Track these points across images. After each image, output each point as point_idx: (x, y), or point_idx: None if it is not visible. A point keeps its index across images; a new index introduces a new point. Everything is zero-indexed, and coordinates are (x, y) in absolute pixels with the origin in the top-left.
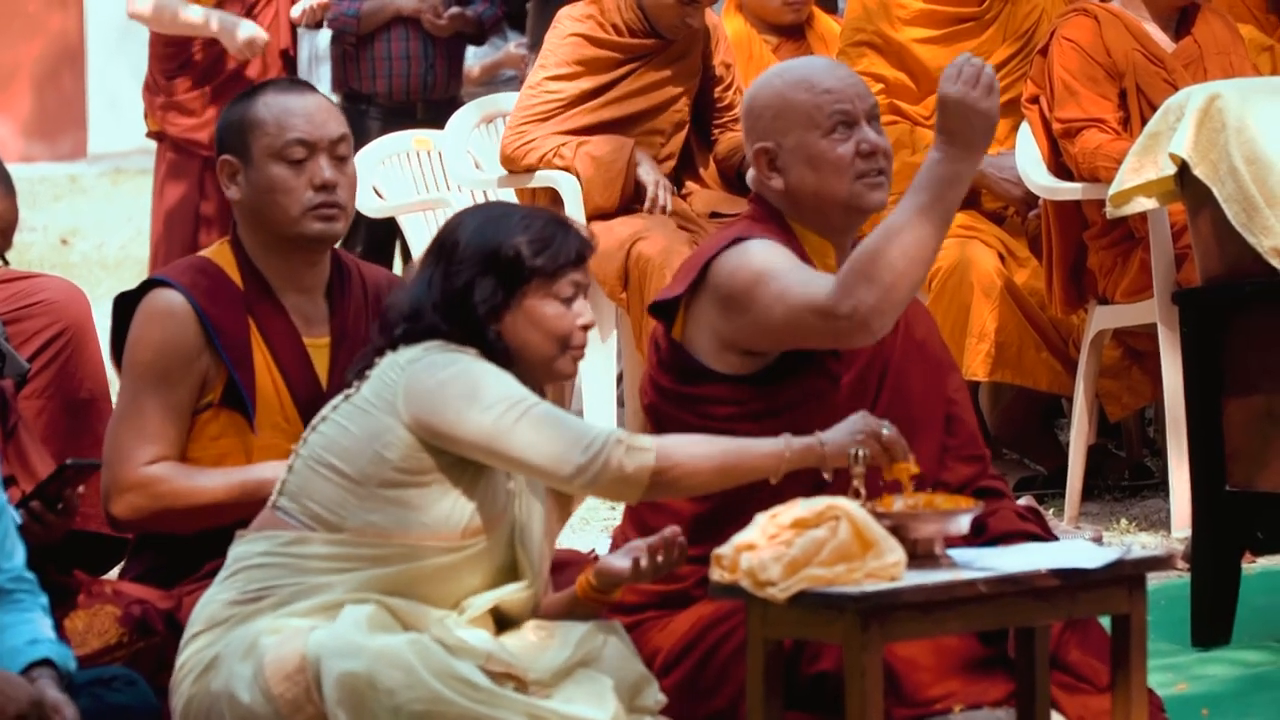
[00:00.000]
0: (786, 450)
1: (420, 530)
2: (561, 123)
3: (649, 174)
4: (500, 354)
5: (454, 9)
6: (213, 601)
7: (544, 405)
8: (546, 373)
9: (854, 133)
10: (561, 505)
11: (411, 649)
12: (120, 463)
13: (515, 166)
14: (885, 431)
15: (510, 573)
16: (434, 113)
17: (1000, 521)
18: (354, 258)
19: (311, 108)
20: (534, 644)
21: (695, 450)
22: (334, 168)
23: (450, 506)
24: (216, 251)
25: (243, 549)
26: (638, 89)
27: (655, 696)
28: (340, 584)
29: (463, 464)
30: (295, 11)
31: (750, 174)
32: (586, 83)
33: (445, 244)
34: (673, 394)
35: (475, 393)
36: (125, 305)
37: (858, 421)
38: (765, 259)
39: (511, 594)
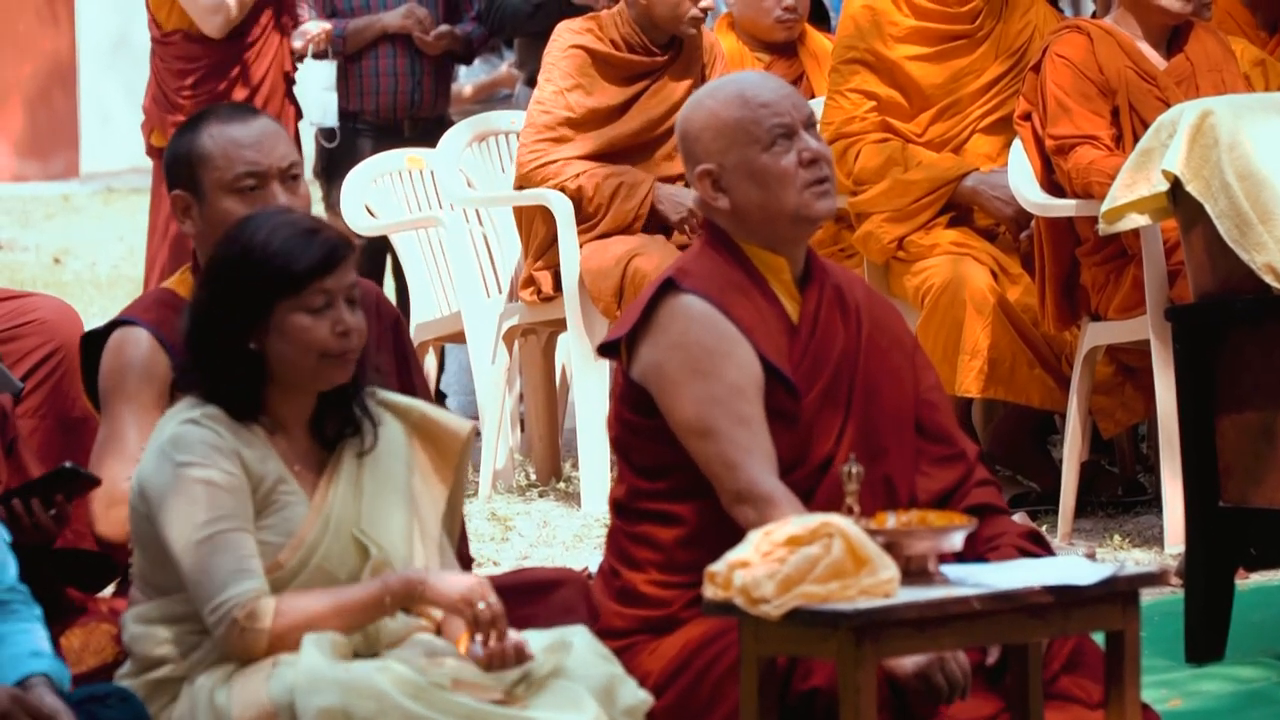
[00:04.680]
0: (385, 594)
1: None
2: (576, 146)
3: (674, 212)
4: (261, 373)
5: (443, 26)
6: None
7: (219, 539)
8: (313, 381)
9: (794, 143)
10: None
11: (382, 675)
12: (105, 483)
13: (532, 186)
14: (482, 605)
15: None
16: (421, 131)
17: (1001, 557)
18: None
19: (257, 134)
20: None
21: (308, 615)
22: (287, 192)
23: None
24: (179, 281)
25: (128, 628)
26: (647, 110)
27: (636, 695)
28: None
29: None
30: (297, 42)
31: (695, 197)
32: (594, 100)
33: (208, 264)
34: (639, 427)
35: (177, 508)
36: (93, 344)
37: (474, 585)
38: (705, 396)
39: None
